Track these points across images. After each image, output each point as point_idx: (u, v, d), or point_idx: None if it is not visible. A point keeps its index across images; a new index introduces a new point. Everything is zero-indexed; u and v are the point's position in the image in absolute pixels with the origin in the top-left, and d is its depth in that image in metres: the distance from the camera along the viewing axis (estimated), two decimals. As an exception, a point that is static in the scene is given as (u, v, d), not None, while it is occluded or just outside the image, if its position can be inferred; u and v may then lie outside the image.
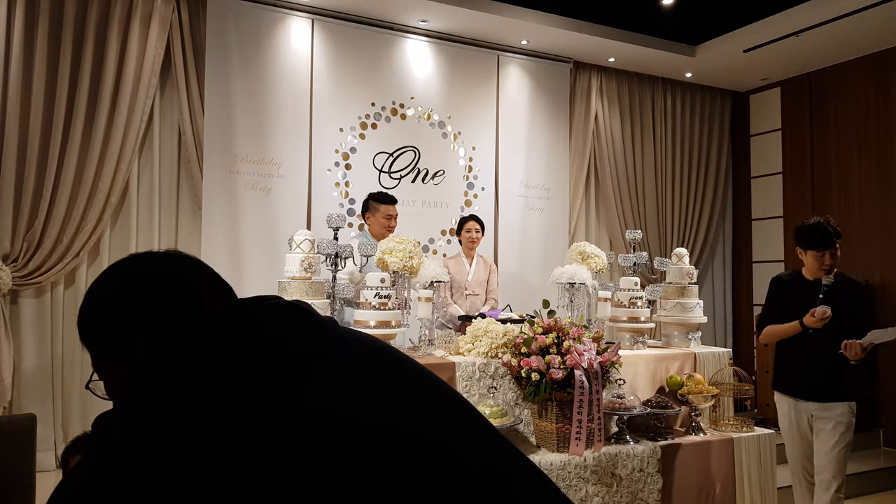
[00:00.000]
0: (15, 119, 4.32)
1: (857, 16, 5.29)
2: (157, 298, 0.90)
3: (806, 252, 3.34)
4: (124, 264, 0.96)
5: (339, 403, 0.77)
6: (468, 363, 3.24)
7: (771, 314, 3.46)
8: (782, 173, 6.89)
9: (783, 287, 3.48)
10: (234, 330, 0.84)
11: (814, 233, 3.31)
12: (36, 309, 4.48)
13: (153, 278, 0.93)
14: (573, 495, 3.13)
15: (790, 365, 3.40)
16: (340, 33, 5.36)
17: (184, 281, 0.94)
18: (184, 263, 0.99)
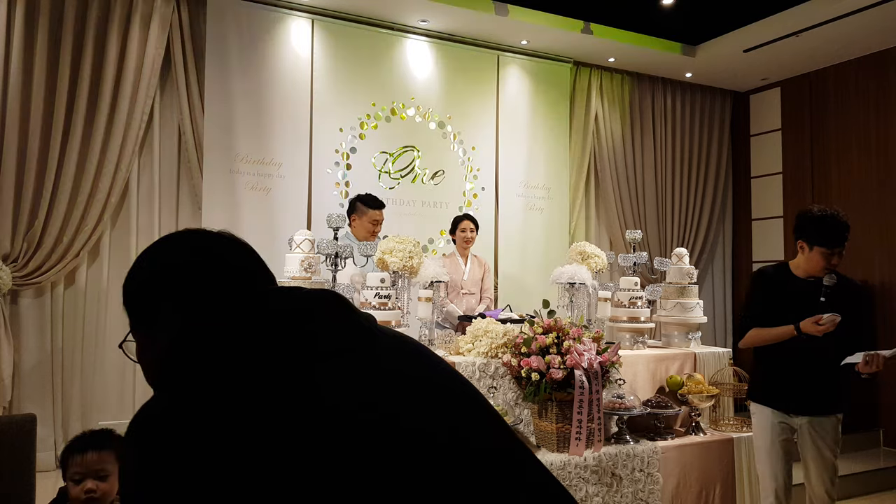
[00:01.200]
0: (15, 119, 4.32)
1: (857, 16, 5.29)
2: (192, 274, 0.94)
3: (812, 247, 2.86)
4: (172, 238, 1.00)
5: (360, 404, 0.77)
6: (468, 363, 3.24)
7: (756, 315, 2.99)
8: (782, 173, 6.89)
9: (771, 284, 3.00)
10: (268, 318, 0.84)
11: (829, 227, 2.81)
12: (36, 309, 4.48)
13: (194, 253, 0.97)
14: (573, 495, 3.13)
15: (778, 374, 2.97)
16: (340, 33, 5.35)
17: (224, 262, 0.98)
18: (231, 246, 1.04)
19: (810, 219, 2.87)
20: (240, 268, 1.00)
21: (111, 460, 1.95)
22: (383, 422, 0.76)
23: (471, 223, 4.86)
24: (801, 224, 2.92)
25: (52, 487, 2.35)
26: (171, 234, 1.02)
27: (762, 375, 3.07)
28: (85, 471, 1.92)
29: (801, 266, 2.95)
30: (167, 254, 0.99)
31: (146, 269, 0.97)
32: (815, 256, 2.87)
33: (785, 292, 2.93)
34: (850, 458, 5.25)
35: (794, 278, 2.96)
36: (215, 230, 1.05)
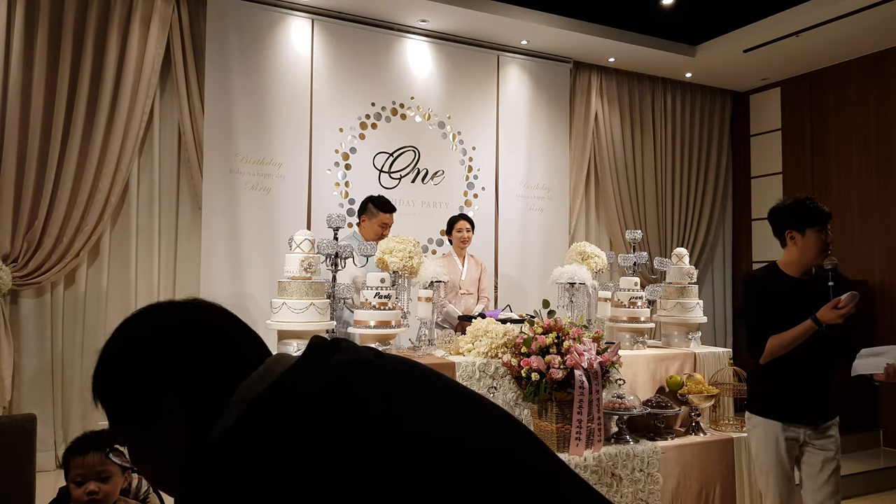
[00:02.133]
0: (15, 119, 4.32)
1: (857, 16, 5.29)
2: (193, 351, 0.83)
3: (804, 232, 2.71)
4: (146, 315, 0.88)
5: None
6: (468, 363, 3.24)
7: (764, 323, 2.70)
8: (782, 173, 6.89)
9: (768, 287, 2.76)
10: (315, 397, 0.77)
11: (811, 205, 2.72)
12: (36, 309, 4.48)
13: (184, 328, 0.86)
14: (573, 495, 3.13)
15: (782, 382, 2.71)
16: (340, 33, 5.35)
17: (218, 331, 0.87)
18: (211, 312, 0.90)
19: (791, 206, 2.77)
20: (231, 335, 0.89)
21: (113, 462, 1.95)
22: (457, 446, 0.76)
23: (467, 223, 4.85)
24: (783, 215, 2.78)
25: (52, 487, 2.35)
26: (137, 313, 0.88)
27: (767, 385, 2.75)
28: (87, 472, 1.92)
29: (795, 260, 2.76)
30: (159, 333, 0.85)
31: (137, 355, 0.84)
32: (810, 240, 2.71)
33: (784, 294, 2.71)
34: (850, 458, 5.24)
35: (788, 278, 2.75)
36: (183, 299, 0.91)
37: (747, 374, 2.91)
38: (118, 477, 1.98)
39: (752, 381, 2.91)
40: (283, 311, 2.96)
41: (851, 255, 6.19)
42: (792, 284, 2.74)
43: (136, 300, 4.75)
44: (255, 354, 0.87)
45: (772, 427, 2.71)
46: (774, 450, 2.70)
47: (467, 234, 4.82)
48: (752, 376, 2.89)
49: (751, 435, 2.81)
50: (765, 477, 2.74)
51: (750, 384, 2.92)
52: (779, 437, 2.70)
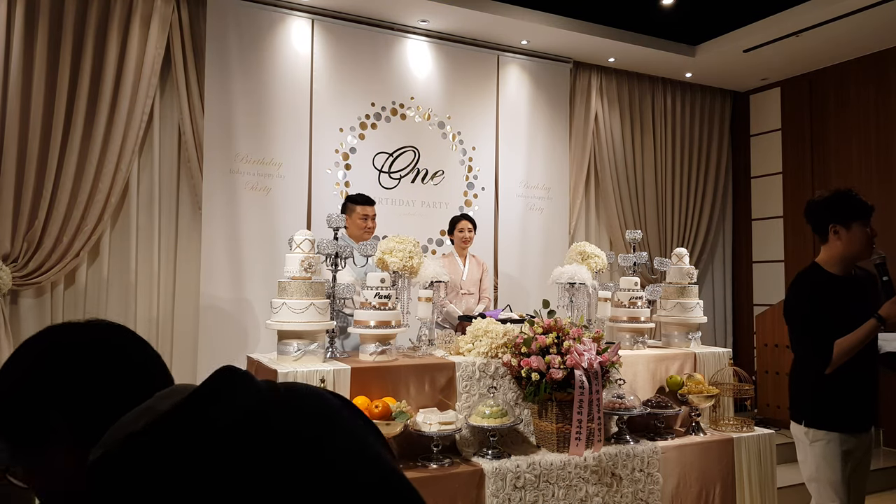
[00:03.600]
0: (15, 119, 4.32)
1: (857, 16, 5.29)
2: (83, 369, 0.80)
3: (850, 226, 2.57)
4: (45, 333, 0.85)
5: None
6: (468, 363, 3.24)
7: (828, 326, 2.51)
8: (782, 173, 6.89)
9: (823, 288, 2.57)
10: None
11: (857, 198, 2.57)
12: (36, 309, 4.48)
13: (80, 346, 0.82)
14: (573, 495, 3.13)
15: (848, 389, 2.54)
16: (340, 33, 5.35)
17: (118, 352, 0.84)
18: (115, 333, 0.87)
19: (834, 199, 2.61)
20: (136, 364, 0.85)
21: None
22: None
23: (469, 223, 4.85)
24: (825, 209, 2.62)
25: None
26: (34, 335, 0.85)
27: (830, 394, 2.55)
28: None
29: (839, 256, 2.60)
30: (52, 349, 0.82)
31: (27, 369, 0.80)
32: (856, 234, 2.57)
33: (836, 295, 2.55)
34: (850, 458, 5.25)
35: (835, 277, 2.60)
36: (84, 320, 0.88)
37: (798, 385, 2.65)
38: None
39: (809, 392, 2.62)
40: (283, 311, 2.96)
41: (851, 255, 6.20)
42: (840, 284, 2.59)
43: (137, 300, 4.76)
44: (159, 380, 0.84)
45: (838, 439, 2.52)
46: (842, 463, 2.52)
47: (469, 234, 4.82)
48: (809, 386, 2.61)
49: (811, 451, 2.56)
50: (830, 492, 2.52)
51: (806, 397, 2.63)
52: (845, 451, 2.54)
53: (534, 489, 3.03)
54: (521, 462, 3.04)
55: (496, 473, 2.96)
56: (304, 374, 2.85)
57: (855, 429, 2.55)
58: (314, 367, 2.92)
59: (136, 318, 4.74)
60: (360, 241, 3.76)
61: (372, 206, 4.27)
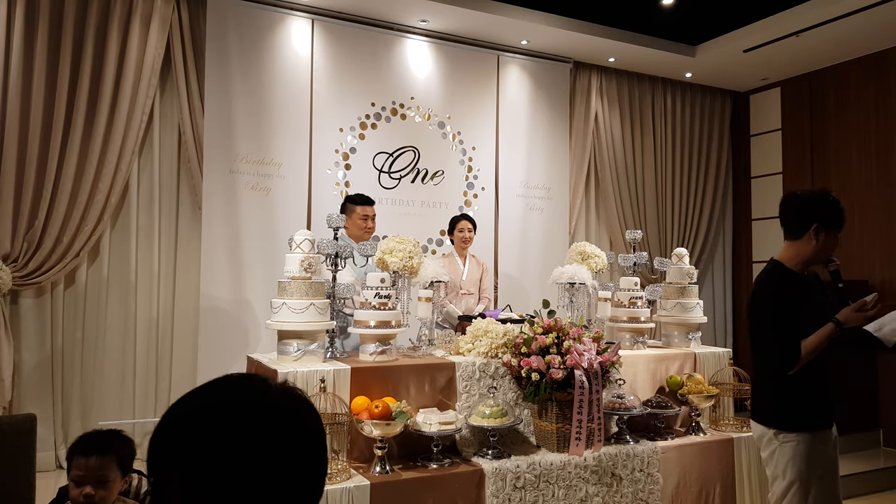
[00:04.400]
0: (15, 119, 4.32)
1: (857, 16, 5.29)
2: (210, 437, 0.81)
3: (829, 232, 2.54)
4: (208, 389, 0.88)
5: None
6: (468, 363, 3.24)
7: (794, 326, 2.48)
8: (782, 173, 6.89)
9: (791, 290, 2.54)
10: None
11: (842, 208, 2.57)
12: (36, 309, 4.48)
13: (215, 414, 0.83)
14: (573, 495, 3.13)
15: (812, 389, 2.52)
16: (340, 33, 5.35)
17: (261, 421, 0.83)
18: (272, 402, 0.87)
19: (827, 202, 2.58)
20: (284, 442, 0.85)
21: (113, 466, 1.96)
22: None
23: (468, 223, 4.85)
24: (815, 209, 2.57)
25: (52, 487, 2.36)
26: (219, 382, 0.89)
27: (795, 396, 2.51)
28: (86, 474, 1.92)
29: (805, 256, 2.57)
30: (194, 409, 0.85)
31: (169, 419, 0.85)
32: (831, 241, 2.55)
33: (800, 293, 2.53)
34: (850, 458, 5.25)
35: (797, 276, 2.57)
36: (245, 375, 0.91)
37: (762, 387, 2.61)
38: (117, 482, 1.98)
39: (775, 395, 2.54)
40: (283, 311, 2.96)
41: (851, 255, 6.19)
42: (801, 282, 2.57)
43: (137, 300, 4.76)
44: (305, 467, 0.86)
45: (807, 439, 2.49)
46: (812, 461, 2.47)
47: (469, 234, 4.82)
48: (774, 388, 2.53)
49: (779, 451, 2.50)
50: (794, 491, 2.48)
51: (772, 399, 2.55)
52: (814, 448, 2.49)
53: (534, 489, 3.03)
54: (521, 462, 3.04)
55: (496, 473, 2.96)
56: (304, 374, 2.85)
57: (821, 426, 2.52)
58: (314, 367, 2.92)
59: (136, 318, 4.74)
60: (360, 241, 3.76)
61: (372, 205, 4.27)
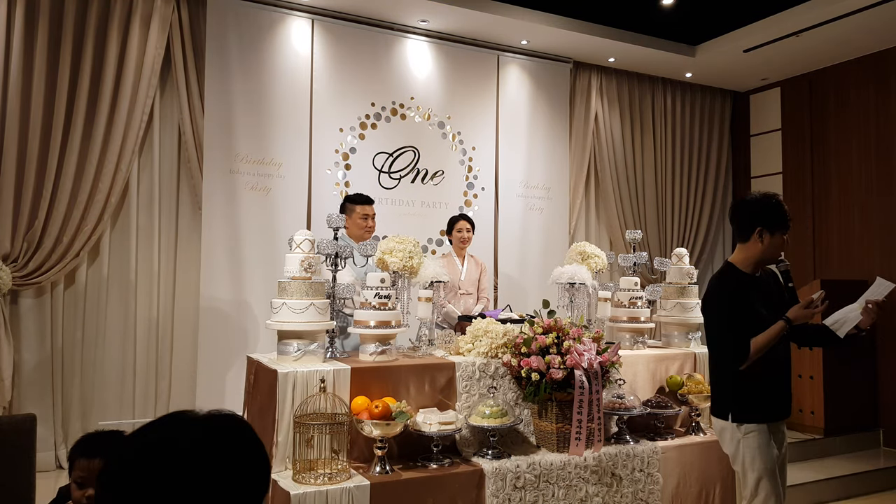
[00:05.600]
0: (15, 119, 4.32)
1: (857, 16, 5.29)
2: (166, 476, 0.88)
3: (774, 233, 2.69)
4: (160, 425, 0.95)
5: None
6: (468, 363, 3.24)
7: (745, 324, 2.62)
8: (782, 173, 6.89)
9: (741, 289, 2.68)
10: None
11: (785, 211, 2.72)
12: (36, 309, 4.48)
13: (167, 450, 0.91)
14: (573, 495, 3.13)
15: (767, 383, 2.68)
16: (340, 33, 5.35)
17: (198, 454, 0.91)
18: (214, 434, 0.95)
19: (768, 205, 2.72)
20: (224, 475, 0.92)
21: None
22: None
23: (467, 223, 4.84)
24: (756, 212, 2.70)
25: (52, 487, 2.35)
26: (169, 419, 0.96)
27: (754, 389, 2.66)
28: (89, 476, 1.92)
29: (754, 258, 2.71)
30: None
31: (133, 455, 0.91)
32: (777, 242, 2.70)
33: (750, 294, 2.67)
34: (850, 458, 5.26)
35: (748, 276, 2.71)
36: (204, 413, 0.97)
37: (720, 382, 2.75)
38: None
39: (732, 388, 2.68)
40: (283, 311, 2.96)
41: (851, 255, 6.20)
42: (753, 283, 2.72)
43: (137, 300, 4.76)
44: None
45: (766, 430, 2.65)
46: (770, 451, 2.65)
47: (467, 234, 4.82)
48: (732, 382, 2.67)
49: (743, 443, 2.65)
50: (765, 481, 2.63)
51: (730, 391, 2.69)
52: (772, 438, 2.67)
53: (534, 489, 3.03)
54: (521, 462, 3.04)
55: (496, 473, 2.96)
56: (304, 374, 2.85)
57: (777, 418, 2.72)
58: (314, 367, 2.92)
59: (136, 318, 4.74)
60: (360, 241, 3.76)
61: (371, 205, 4.27)
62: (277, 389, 2.81)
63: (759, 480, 2.63)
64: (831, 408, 5.45)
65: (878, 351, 5.89)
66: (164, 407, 4.77)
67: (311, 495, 2.58)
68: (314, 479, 2.66)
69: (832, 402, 5.46)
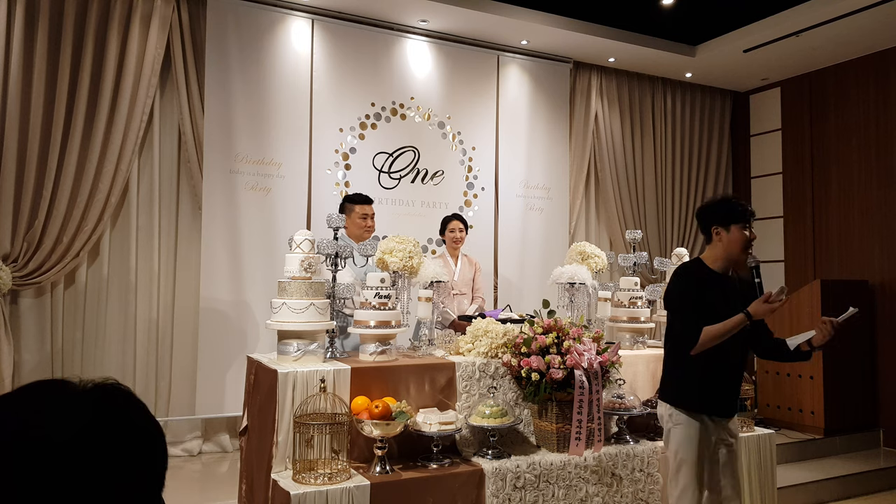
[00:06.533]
0: (15, 119, 4.32)
1: (857, 16, 5.29)
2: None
3: (729, 228, 2.77)
4: (20, 404, 0.76)
5: None
6: (468, 363, 3.24)
7: (699, 313, 2.71)
8: (782, 173, 6.89)
9: (700, 279, 2.78)
10: None
11: (736, 203, 2.80)
12: (36, 309, 4.48)
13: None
14: (573, 495, 3.13)
15: (711, 376, 2.74)
16: (340, 33, 5.35)
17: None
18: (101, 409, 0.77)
19: (717, 203, 2.85)
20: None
21: None
22: None
23: (460, 223, 4.82)
24: (709, 213, 2.84)
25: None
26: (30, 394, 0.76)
27: (695, 380, 2.74)
28: None
29: (719, 256, 2.81)
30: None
31: None
32: (735, 235, 2.77)
33: (711, 288, 2.76)
34: (850, 458, 5.26)
35: (714, 274, 2.80)
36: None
37: (671, 366, 2.89)
38: None
39: (676, 375, 2.82)
40: (283, 311, 2.96)
41: (851, 255, 6.20)
42: (717, 279, 2.79)
43: (137, 300, 4.75)
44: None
45: (696, 425, 2.72)
46: (697, 445, 2.71)
47: (460, 234, 4.79)
48: (677, 369, 2.82)
49: (673, 432, 2.76)
50: (684, 470, 2.72)
51: (673, 377, 2.84)
52: (701, 433, 2.73)
53: (534, 489, 3.03)
54: (521, 462, 3.04)
55: (496, 473, 2.96)
56: (304, 374, 2.85)
57: (716, 414, 2.76)
58: (314, 367, 2.92)
59: (136, 318, 4.74)
60: (359, 241, 3.76)
61: (370, 204, 4.27)
62: (277, 389, 2.80)
63: (680, 467, 2.74)
64: (831, 408, 5.45)
65: (878, 351, 5.89)
66: (164, 407, 4.78)
67: (311, 495, 2.58)
68: (314, 479, 2.66)
69: (832, 402, 5.46)
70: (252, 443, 3.15)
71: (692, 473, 2.70)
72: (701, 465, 2.71)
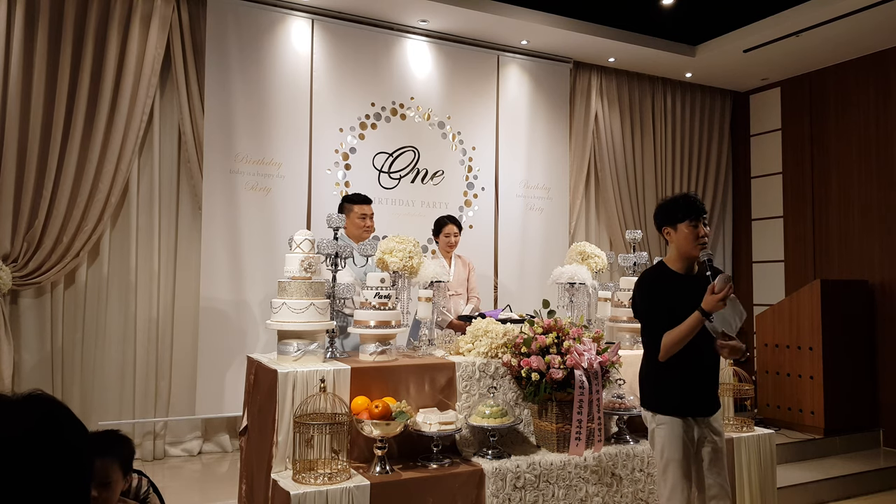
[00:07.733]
0: (15, 119, 4.32)
1: (857, 16, 5.29)
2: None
3: (676, 226, 2.78)
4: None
5: None
6: (468, 363, 3.24)
7: (660, 318, 2.72)
8: (782, 173, 6.89)
9: (660, 284, 2.80)
10: None
11: (683, 200, 2.81)
12: (36, 309, 4.48)
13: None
14: (573, 495, 3.13)
15: (683, 378, 2.75)
16: (340, 33, 5.35)
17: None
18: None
19: (664, 203, 2.87)
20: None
21: (116, 467, 1.98)
22: None
23: (454, 227, 4.74)
24: (658, 214, 2.88)
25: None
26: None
27: (669, 383, 2.76)
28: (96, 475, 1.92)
29: (675, 255, 2.84)
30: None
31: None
32: (682, 233, 2.77)
33: (672, 291, 2.76)
34: (850, 458, 5.26)
35: (674, 274, 2.82)
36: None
37: (641, 373, 2.89)
38: (119, 483, 2.00)
39: (652, 381, 2.83)
40: (283, 311, 2.96)
41: (851, 255, 6.20)
42: (678, 280, 2.80)
43: (137, 300, 4.75)
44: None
45: (678, 423, 2.73)
46: (681, 443, 2.73)
47: (455, 238, 4.72)
48: (651, 376, 2.83)
49: (656, 433, 2.78)
50: (671, 469, 2.73)
51: (650, 384, 2.84)
52: (684, 432, 2.74)
53: (534, 489, 3.03)
54: (521, 462, 3.04)
55: (496, 473, 2.96)
56: (304, 374, 2.85)
57: (694, 413, 2.77)
58: (314, 367, 2.92)
59: (136, 317, 4.74)
60: (359, 241, 3.76)
61: (369, 204, 4.27)
62: (277, 389, 2.81)
63: (667, 466, 2.74)
64: (831, 408, 5.45)
65: (878, 351, 5.89)
66: (164, 407, 4.77)
67: (311, 495, 2.58)
68: (314, 479, 2.66)
69: (832, 402, 5.46)
70: (252, 443, 3.15)
71: (680, 472, 2.71)
72: (688, 463, 2.73)
